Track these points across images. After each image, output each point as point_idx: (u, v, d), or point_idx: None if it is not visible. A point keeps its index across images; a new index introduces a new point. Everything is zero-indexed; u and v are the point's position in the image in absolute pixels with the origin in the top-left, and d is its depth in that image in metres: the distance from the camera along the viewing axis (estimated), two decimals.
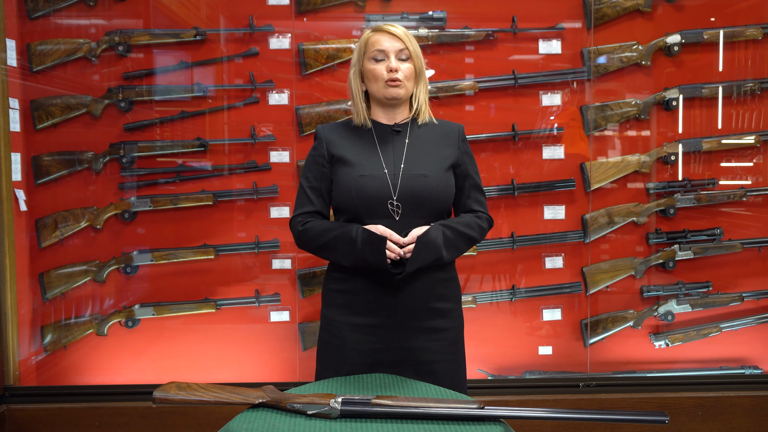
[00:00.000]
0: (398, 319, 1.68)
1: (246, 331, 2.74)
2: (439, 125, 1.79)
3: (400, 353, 1.68)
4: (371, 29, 1.72)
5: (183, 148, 2.68)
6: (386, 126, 1.74)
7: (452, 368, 1.72)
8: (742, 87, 2.74)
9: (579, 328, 2.78)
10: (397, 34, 1.68)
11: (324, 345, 1.76)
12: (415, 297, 1.68)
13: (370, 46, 1.69)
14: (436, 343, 1.69)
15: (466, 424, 1.30)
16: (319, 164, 1.74)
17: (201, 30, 2.64)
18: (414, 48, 1.70)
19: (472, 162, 1.80)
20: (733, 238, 2.76)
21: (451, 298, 1.74)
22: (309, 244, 1.72)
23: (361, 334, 1.68)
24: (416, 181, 1.66)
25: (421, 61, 1.73)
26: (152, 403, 1.37)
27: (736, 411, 2.63)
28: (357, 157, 1.70)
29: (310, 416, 1.33)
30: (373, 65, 1.69)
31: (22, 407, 2.56)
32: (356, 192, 1.66)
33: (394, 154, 1.70)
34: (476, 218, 1.75)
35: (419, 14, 2.66)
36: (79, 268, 2.69)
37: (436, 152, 1.72)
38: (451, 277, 1.76)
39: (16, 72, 2.63)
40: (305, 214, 1.73)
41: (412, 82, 1.71)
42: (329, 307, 1.76)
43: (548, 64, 2.70)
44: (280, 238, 2.71)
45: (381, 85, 1.69)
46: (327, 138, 1.75)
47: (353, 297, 1.70)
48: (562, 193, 2.74)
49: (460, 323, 1.77)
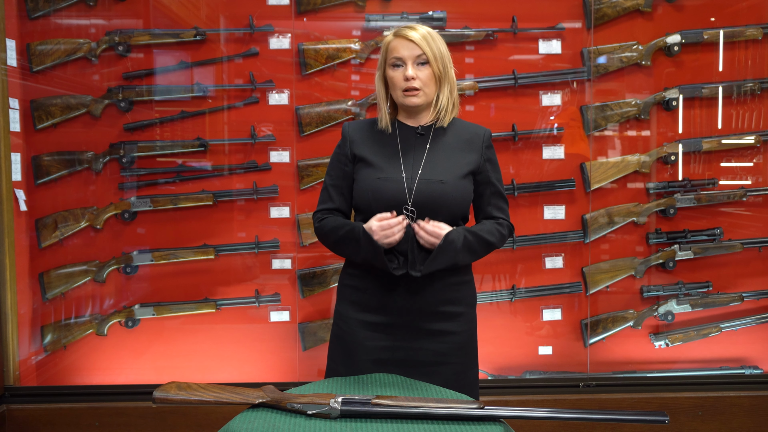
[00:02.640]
0: (407, 320, 1.68)
1: (246, 331, 2.74)
2: (465, 129, 1.77)
3: (408, 353, 1.68)
4: (393, 32, 1.70)
5: (183, 148, 2.68)
6: (411, 128, 1.74)
7: (460, 371, 1.71)
8: (742, 87, 2.74)
9: (579, 328, 2.78)
10: (414, 39, 1.65)
11: (335, 339, 1.77)
12: (425, 299, 1.68)
13: (390, 51, 1.69)
14: (444, 345, 1.69)
15: (466, 424, 1.30)
16: (342, 163, 1.76)
17: (201, 30, 2.64)
18: (433, 51, 1.66)
19: (495, 169, 1.78)
20: (733, 238, 2.76)
21: (463, 302, 1.74)
22: (324, 240, 1.75)
23: (371, 331, 1.69)
24: (432, 186, 1.66)
25: (444, 62, 1.69)
26: (152, 403, 1.37)
27: (736, 411, 2.63)
28: (378, 158, 1.71)
29: (310, 416, 1.33)
30: (392, 72, 1.69)
31: (22, 407, 2.56)
32: (373, 194, 1.67)
33: (414, 158, 1.70)
34: (497, 225, 1.74)
35: (419, 14, 2.66)
36: (79, 268, 2.69)
37: (456, 158, 1.71)
38: (465, 281, 1.75)
39: (16, 72, 2.63)
40: (324, 211, 1.76)
41: (432, 86, 1.69)
42: (342, 302, 1.77)
43: (548, 64, 2.70)
44: (280, 238, 2.71)
45: (399, 93, 1.69)
46: (351, 137, 1.76)
47: (364, 294, 1.71)
48: (562, 193, 2.74)
49: (471, 327, 1.76)
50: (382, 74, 1.74)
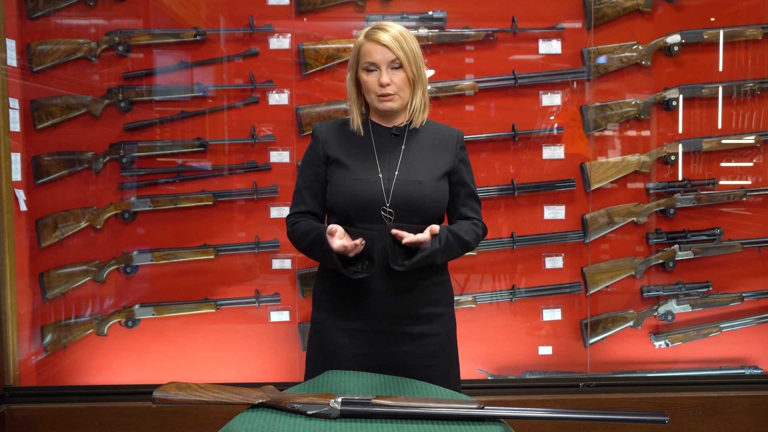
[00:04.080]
0: (386, 325, 1.66)
1: (246, 331, 2.74)
2: (438, 130, 1.75)
3: (389, 358, 1.66)
4: (364, 35, 1.65)
5: (183, 148, 2.68)
6: (385, 129, 1.72)
7: (443, 372, 1.70)
8: (742, 87, 2.74)
9: (579, 328, 2.78)
10: (386, 43, 1.60)
11: (313, 347, 1.74)
12: (403, 303, 1.66)
13: (363, 56, 1.64)
14: (426, 348, 1.67)
15: (466, 424, 1.30)
16: (314, 164, 1.72)
17: (201, 30, 2.64)
18: (406, 54, 1.62)
19: (468, 170, 1.77)
20: (733, 238, 2.76)
21: (442, 302, 1.72)
22: (297, 245, 1.72)
23: (350, 338, 1.67)
24: (410, 187, 1.64)
25: (417, 65, 1.65)
26: (152, 403, 1.37)
27: (736, 411, 2.63)
28: (352, 159, 1.68)
29: (310, 416, 1.33)
30: (366, 76, 1.65)
31: (22, 407, 2.56)
32: (349, 196, 1.64)
33: (389, 159, 1.68)
34: (473, 225, 1.73)
35: (419, 14, 2.66)
36: (79, 268, 2.69)
37: (432, 158, 1.70)
38: (442, 281, 1.74)
39: (16, 72, 2.63)
40: (297, 214, 1.72)
41: (406, 90, 1.66)
42: (318, 309, 1.75)
43: (548, 64, 2.70)
44: (280, 238, 2.71)
45: (374, 98, 1.66)
46: (324, 138, 1.73)
47: (341, 301, 1.69)
48: (562, 193, 2.74)
49: (451, 327, 1.75)
50: (353, 76, 1.70)
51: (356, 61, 1.67)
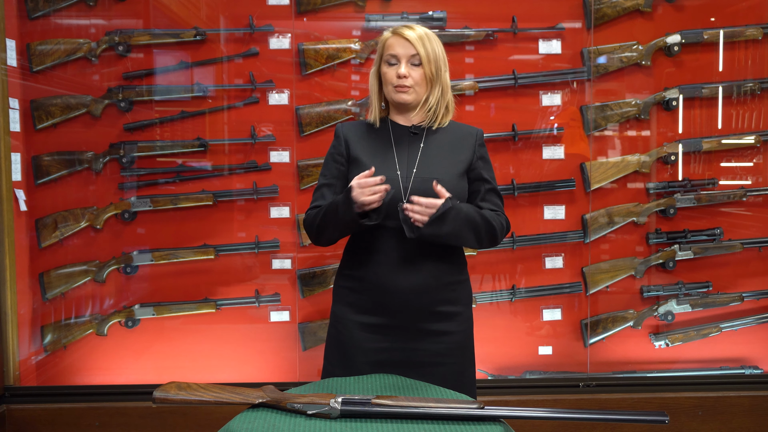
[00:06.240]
0: (404, 321, 1.68)
1: (246, 331, 2.74)
2: (457, 129, 1.79)
3: (405, 354, 1.68)
4: (390, 30, 1.73)
5: (183, 148, 2.68)
6: (404, 127, 1.76)
7: (458, 371, 1.71)
8: (742, 87, 2.74)
9: (579, 328, 2.78)
10: (410, 38, 1.67)
11: (332, 341, 1.77)
12: (422, 300, 1.67)
13: (386, 48, 1.71)
14: (442, 345, 1.69)
15: (466, 424, 1.30)
16: (337, 162, 1.76)
17: (201, 30, 2.64)
18: (427, 53, 1.68)
19: (488, 167, 1.78)
20: (733, 238, 2.76)
21: (459, 302, 1.74)
22: (310, 228, 1.74)
23: (368, 333, 1.69)
24: (428, 185, 1.65)
25: (437, 66, 1.70)
26: (152, 403, 1.37)
27: (736, 411, 2.63)
28: (372, 158, 1.72)
29: (310, 416, 1.33)
30: (387, 69, 1.71)
31: (22, 407, 2.56)
32: None
33: (408, 157, 1.71)
34: (497, 215, 1.73)
35: (419, 14, 2.66)
36: (79, 268, 2.69)
37: (450, 156, 1.73)
38: (461, 280, 1.76)
39: (16, 72, 2.63)
40: (315, 208, 1.75)
41: (422, 87, 1.71)
42: (338, 304, 1.77)
43: (548, 64, 2.70)
44: (280, 238, 2.71)
45: (390, 89, 1.71)
46: (346, 137, 1.77)
47: (360, 295, 1.71)
48: (562, 193, 2.74)
49: (468, 326, 1.76)
50: (377, 70, 1.76)
51: (380, 55, 1.74)
